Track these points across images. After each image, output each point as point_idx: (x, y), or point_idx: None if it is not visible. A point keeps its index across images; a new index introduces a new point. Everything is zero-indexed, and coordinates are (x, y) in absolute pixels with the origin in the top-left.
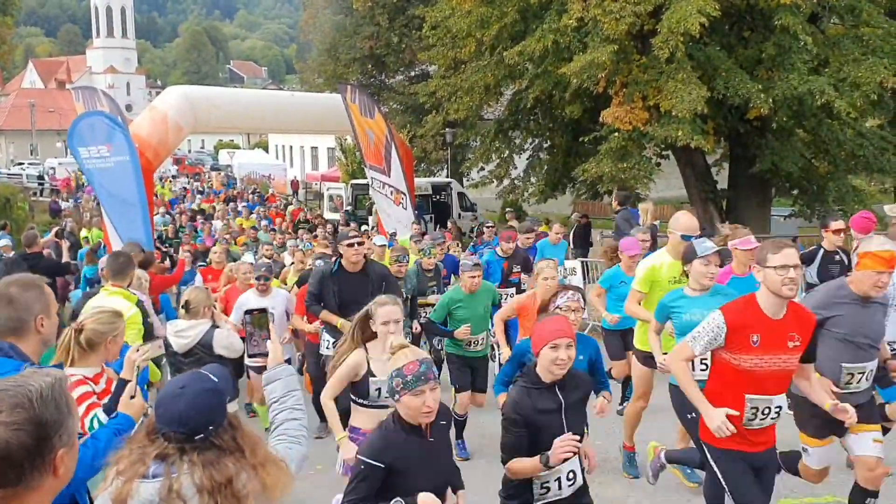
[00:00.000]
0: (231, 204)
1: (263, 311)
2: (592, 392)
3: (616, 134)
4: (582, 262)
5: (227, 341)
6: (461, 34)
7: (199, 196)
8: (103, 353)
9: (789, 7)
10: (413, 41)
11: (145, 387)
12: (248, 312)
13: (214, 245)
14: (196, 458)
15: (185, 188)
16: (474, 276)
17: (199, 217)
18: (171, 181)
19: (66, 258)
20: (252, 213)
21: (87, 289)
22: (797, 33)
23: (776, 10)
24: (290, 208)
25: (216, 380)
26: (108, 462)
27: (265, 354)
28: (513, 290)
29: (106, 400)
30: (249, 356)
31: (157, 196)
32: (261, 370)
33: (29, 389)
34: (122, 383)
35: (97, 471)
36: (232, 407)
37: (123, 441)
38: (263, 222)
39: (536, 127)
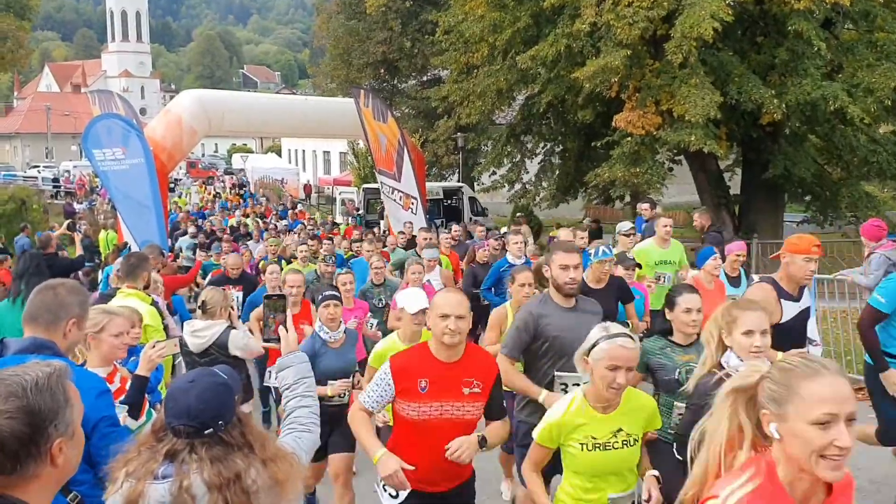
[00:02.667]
0: (263, 220)
1: (282, 296)
2: None
3: (629, 139)
4: None
5: (243, 342)
6: (474, 39)
7: (234, 210)
8: (95, 351)
9: (803, 13)
10: (426, 46)
11: (158, 387)
12: (267, 297)
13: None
14: (204, 454)
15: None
16: None
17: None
18: (204, 188)
19: (78, 251)
20: (294, 231)
21: (108, 288)
22: (811, 39)
23: (789, 15)
24: (344, 226)
25: (225, 377)
26: (115, 464)
27: (278, 340)
28: None
29: (122, 398)
30: (265, 341)
31: (180, 208)
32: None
33: (24, 379)
34: (138, 380)
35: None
36: (246, 408)
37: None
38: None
39: (548, 131)
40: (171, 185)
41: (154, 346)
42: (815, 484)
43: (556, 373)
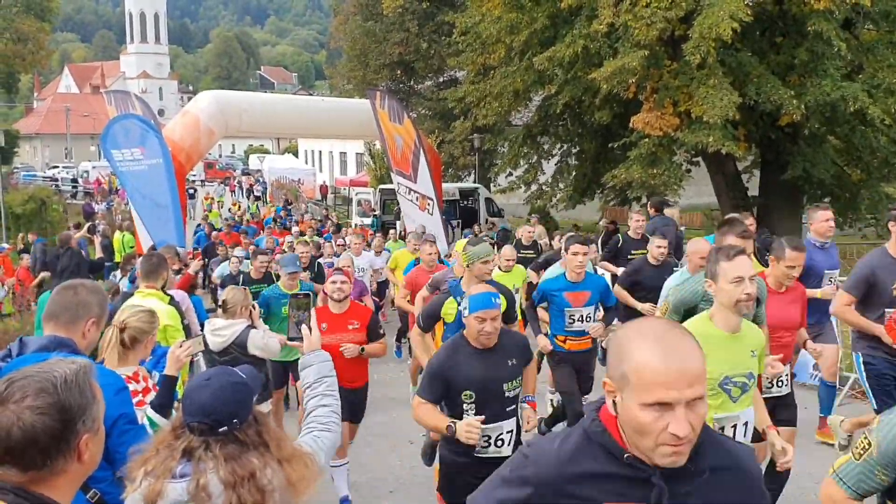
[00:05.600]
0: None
1: (307, 294)
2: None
3: (646, 140)
4: None
5: (262, 342)
6: (491, 40)
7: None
8: (141, 352)
9: (823, 13)
10: (442, 47)
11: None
12: (294, 296)
13: None
14: (219, 452)
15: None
16: None
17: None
18: (211, 199)
19: (98, 254)
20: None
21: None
22: (831, 39)
23: (809, 15)
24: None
25: (243, 375)
26: (134, 463)
27: (302, 339)
28: None
29: (151, 396)
30: (289, 339)
31: (212, 227)
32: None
33: (53, 375)
34: (167, 380)
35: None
36: (264, 408)
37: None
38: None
39: (565, 132)
40: (192, 191)
41: (181, 346)
42: None
43: None
